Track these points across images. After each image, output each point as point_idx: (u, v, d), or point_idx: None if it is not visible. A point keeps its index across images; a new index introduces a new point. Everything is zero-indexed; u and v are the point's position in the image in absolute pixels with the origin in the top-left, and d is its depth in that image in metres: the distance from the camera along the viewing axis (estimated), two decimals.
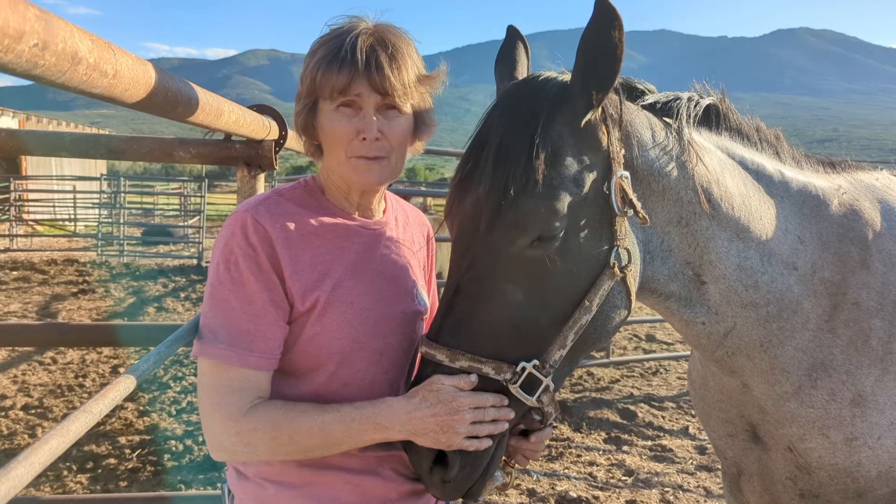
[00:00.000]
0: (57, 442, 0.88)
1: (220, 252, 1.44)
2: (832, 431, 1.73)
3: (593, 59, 1.39)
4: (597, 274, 1.45)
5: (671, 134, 1.63)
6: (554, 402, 1.47)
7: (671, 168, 1.59)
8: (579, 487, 4.91)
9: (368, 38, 1.44)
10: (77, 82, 1.01)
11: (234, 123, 2.07)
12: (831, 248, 1.75)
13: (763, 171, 1.76)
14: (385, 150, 1.49)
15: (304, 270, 1.46)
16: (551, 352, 1.42)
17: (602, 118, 1.49)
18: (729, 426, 1.97)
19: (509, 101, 1.50)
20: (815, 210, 1.77)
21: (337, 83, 1.42)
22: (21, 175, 21.96)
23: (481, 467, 1.45)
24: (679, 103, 1.68)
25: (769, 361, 1.74)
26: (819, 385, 1.73)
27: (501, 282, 1.41)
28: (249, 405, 1.41)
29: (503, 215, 1.40)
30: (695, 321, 1.71)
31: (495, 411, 1.41)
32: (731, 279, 1.67)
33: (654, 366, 8.13)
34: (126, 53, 1.16)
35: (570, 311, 1.43)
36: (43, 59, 0.87)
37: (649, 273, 1.62)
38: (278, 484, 1.49)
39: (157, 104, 1.37)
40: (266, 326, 1.42)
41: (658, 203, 1.59)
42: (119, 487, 4.74)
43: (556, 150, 1.42)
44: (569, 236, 1.42)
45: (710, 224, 1.63)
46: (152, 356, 1.28)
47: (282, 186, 1.60)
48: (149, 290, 12.32)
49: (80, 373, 7.31)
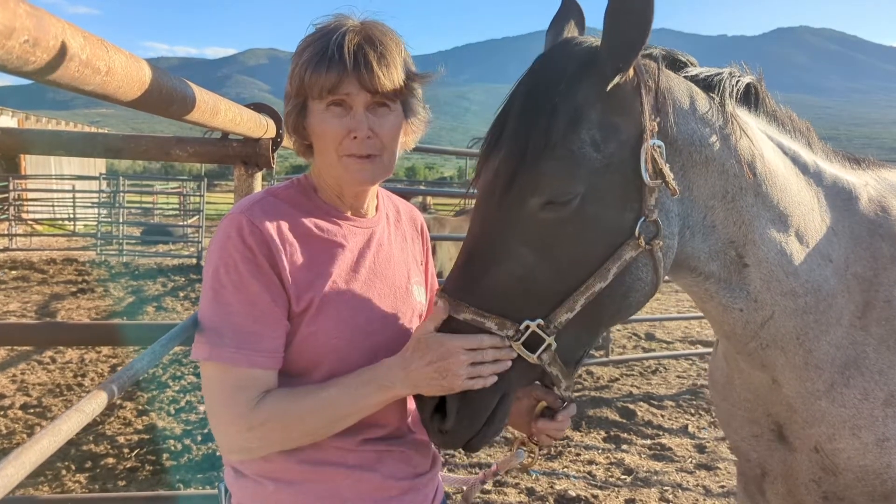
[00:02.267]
0: (48, 441, 0.87)
1: (218, 256, 1.44)
2: (864, 432, 1.70)
3: (621, 20, 1.35)
4: (618, 243, 1.42)
5: (714, 105, 1.60)
6: (557, 363, 1.44)
7: (714, 139, 1.56)
8: (578, 486, 4.91)
9: (355, 37, 1.43)
10: (69, 79, 1.00)
11: (230, 122, 2.07)
12: (863, 243, 1.73)
13: (799, 158, 1.74)
14: (377, 148, 1.49)
15: (299, 271, 1.46)
16: (558, 313, 1.40)
17: (635, 84, 1.45)
18: (754, 426, 1.93)
19: (539, 65, 1.48)
20: (846, 203, 1.75)
21: (326, 83, 1.41)
22: (20, 174, 21.96)
23: (481, 419, 1.43)
24: (721, 77, 1.64)
25: (803, 356, 1.71)
26: (852, 384, 1.70)
27: (513, 243, 1.40)
28: (257, 401, 1.40)
29: (519, 176, 1.39)
30: (733, 307, 1.67)
31: (494, 352, 1.39)
32: (773, 263, 1.63)
33: (654, 364, 8.12)
34: (119, 51, 1.15)
35: (584, 277, 1.41)
36: (34, 56, 0.87)
37: (689, 249, 1.58)
38: (277, 481, 1.48)
39: (152, 102, 1.36)
40: (270, 326, 1.42)
41: (701, 175, 1.55)
42: (117, 487, 4.74)
43: (580, 114, 1.40)
44: (586, 202, 1.40)
45: (756, 202, 1.60)
46: (147, 356, 1.28)
47: (275, 186, 1.60)
48: (148, 290, 12.31)
49: (78, 372, 7.30)
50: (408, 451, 1.58)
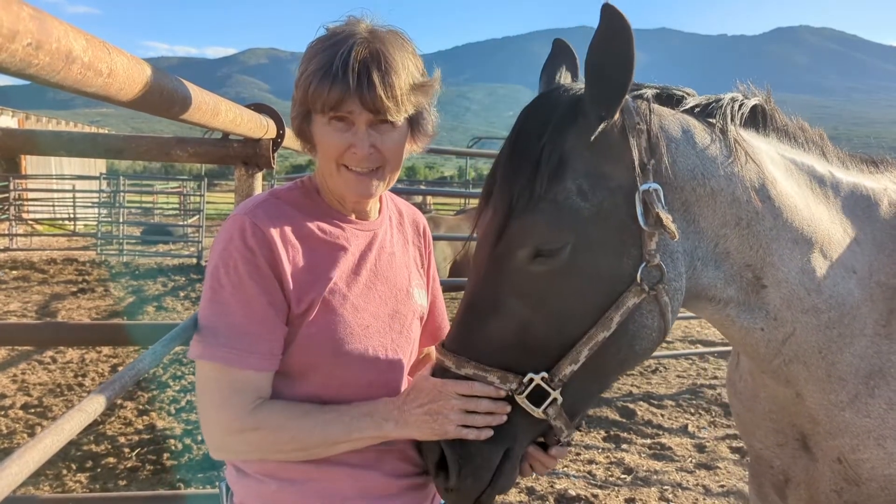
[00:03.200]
0: (51, 440, 0.88)
1: (219, 256, 1.44)
2: (889, 442, 1.68)
3: (602, 69, 1.35)
4: (619, 291, 1.40)
5: (715, 135, 1.57)
6: (563, 416, 1.44)
7: (718, 170, 1.53)
8: (578, 485, 4.92)
9: (362, 51, 1.40)
10: (72, 82, 1.01)
11: (230, 122, 2.07)
12: (886, 250, 1.70)
13: (814, 172, 1.72)
14: (378, 162, 1.49)
15: (301, 273, 1.47)
16: (561, 366, 1.40)
17: (623, 129, 1.44)
18: (780, 436, 1.91)
19: (525, 115, 1.49)
20: (866, 211, 1.73)
21: (328, 100, 1.40)
22: (20, 174, 21.96)
23: (485, 475, 1.43)
24: (722, 104, 1.62)
25: (826, 369, 1.68)
26: (877, 394, 1.67)
27: (506, 296, 1.41)
28: (251, 406, 1.41)
29: (507, 229, 1.40)
30: (754, 327, 1.64)
31: (489, 403, 1.40)
32: (794, 283, 1.60)
33: (654, 364, 8.12)
34: (121, 52, 1.16)
35: (586, 328, 1.40)
36: (37, 59, 0.87)
37: (705, 280, 1.56)
38: (280, 479, 1.49)
39: (153, 103, 1.38)
40: (267, 328, 1.43)
41: (708, 207, 1.52)
42: (118, 486, 4.74)
43: (564, 164, 1.40)
44: (578, 252, 1.39)
45: (775, 224, 1.57)
46: (148, 355, 1.28)
47: (279, 188, 1.60)
48: (148, 289, 12.32)
49: (79, 372, 7.31)
50: (408, 450, 1.58)
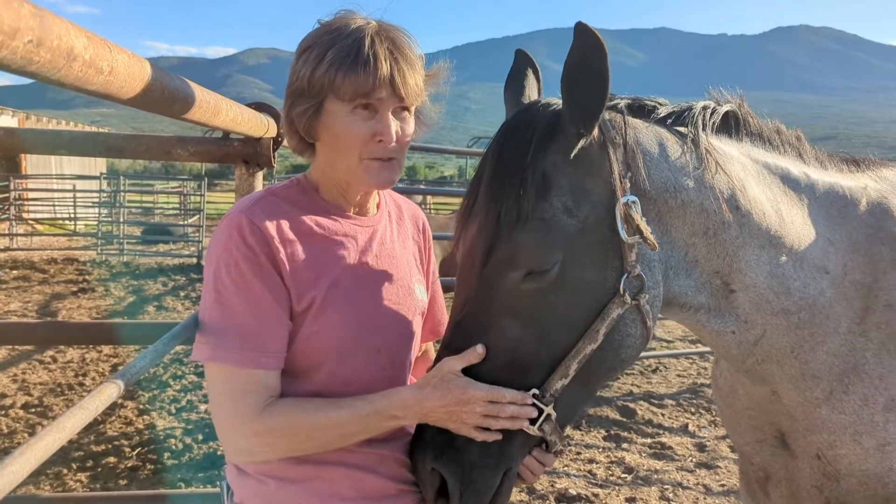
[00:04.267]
0: (53, 438, 0.88)
1: (219, 255, 1.43)
2: (864, 437, 1.70)
3: (579, 87, 1.36)
4: (603, 303, 1.43)
5: (686, 145, 1.58)
6: (557, 430, 1.45)
7: (689, 182, 1.55)
8: (579, 485, 4.92)
9: (384, 41, 1.42)
10: (73, 79, 1.01)
11: (231, 121, 2.07)
12: (861, 249, 1.72)
13: (789, 175, 1.73)
14: (397, 151, 1.50)
15: (301, 270, 1.46)
16: (552, 381, 1.41)
17: (602, 143, 1.46)
18: (758, 433, 1.94)
19: (506, 131, 1.48)
20: (842, 211, 1.74)
21: (362, 87, 1.40)
22: (21, 174, 21.97)
23: (486, 499, 1.43)
24: (693, 112, 1.63)
25: (800, 367, 1.71)
26: (851, 390, 1.70)
27: (498, 316, 1.41)
28: (264, 405, 1.41)
29: (496, 250, 1.39)
30: (724, 330, 1.67)
31: (514, 408, 1.39)
32: (762, 287, 1.63)
33: (654, 363, 8.12)
34: (122, 50, 1.16)
35: (574, 341, 1.41)
36: (38, 56, 0.87)
37: (676, 288, 1.58)
38: (279, 479, 1.49)
39: (154, 101, 1.37)
40: (273, 326, 1.42)
41: (678, 218, 1.55)
42: (118, 486, 4.74)
43: (549, 181, 1.40)
44: (567, 267, 1.40)
45: (740, 232, 1.59)
46: (148, 354, 1.28)
47: (275, 185, 1.60)
48: (148, 289, 12.32)
49: (79, 371, 7.31)
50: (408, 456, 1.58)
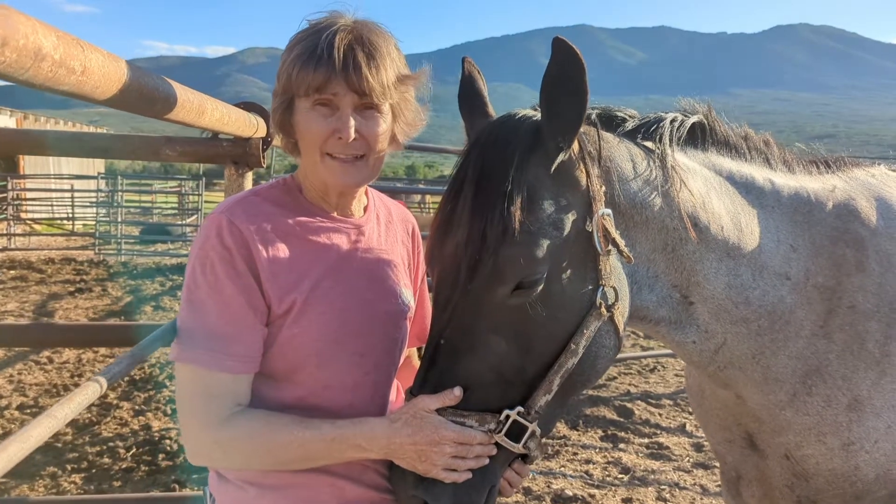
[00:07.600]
0: (16, 448, 0.85)
1: (196, 255, 1.42)
2: (829, 437, 1.71)
3: (557, 101, 1.36)
4: (582, 315, 1.42)
5: (653, 162, 1.59)
6: (540, 446, 1.45)
7: (654, 198, 1.56)
8: (575, 485, 4.90)
9: (346, 36, 1.40)
10: (42, 79, 0.98)
11: (217, 121, 2.05)
12: (824, 252, 1.71)
13: (753, 183, 1.73)
14: (362, 149, 1.46)
15: (281, 272, 1.44)
16: (536, 398, 1.40)
17: (580, 156, 1.45)
18: (727, 433, 1.96)
19: (484, 142, 1.46)
20: (807, 216, 1.74)
21: (313, 81, 1.38)
22: (19, 174, 21.95)
23: None
24: (662, 126, 1.63)
25: (762, 372, 1.71)
26: (814, 392, 1.71)
27: (484, 333, 1.39)
28: (229, 412, 1.39)
29: (482, 265, 1.37)
30: (686, 341, 1.68)
31: (480, 448, 1.39)
32: (720, 298, 1.64)
33: (652, 363, 8.11)
34: (97, 50, 1.14)
35: (556, 356, 1.41)
36: (2, 56, 0.85)
37: (638, 302, 1.59)
38: (259, 486, 1.47)
39: (132, 102, 1.35)
40: (243, 330, 1.40)
41: (641, 233, 1.56)
42: (113, 487, 4.72)
43: (533, 194, 1.39)
44: (551, 280, 1.39)
45: (698, 247, 1.60)
46: (126, 358, 1.26)
47: (260, 186, 1.58)
48: (146, 289, 12.29)
49: (75, 372, 7.29)
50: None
